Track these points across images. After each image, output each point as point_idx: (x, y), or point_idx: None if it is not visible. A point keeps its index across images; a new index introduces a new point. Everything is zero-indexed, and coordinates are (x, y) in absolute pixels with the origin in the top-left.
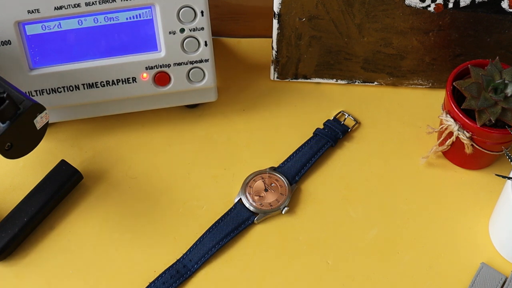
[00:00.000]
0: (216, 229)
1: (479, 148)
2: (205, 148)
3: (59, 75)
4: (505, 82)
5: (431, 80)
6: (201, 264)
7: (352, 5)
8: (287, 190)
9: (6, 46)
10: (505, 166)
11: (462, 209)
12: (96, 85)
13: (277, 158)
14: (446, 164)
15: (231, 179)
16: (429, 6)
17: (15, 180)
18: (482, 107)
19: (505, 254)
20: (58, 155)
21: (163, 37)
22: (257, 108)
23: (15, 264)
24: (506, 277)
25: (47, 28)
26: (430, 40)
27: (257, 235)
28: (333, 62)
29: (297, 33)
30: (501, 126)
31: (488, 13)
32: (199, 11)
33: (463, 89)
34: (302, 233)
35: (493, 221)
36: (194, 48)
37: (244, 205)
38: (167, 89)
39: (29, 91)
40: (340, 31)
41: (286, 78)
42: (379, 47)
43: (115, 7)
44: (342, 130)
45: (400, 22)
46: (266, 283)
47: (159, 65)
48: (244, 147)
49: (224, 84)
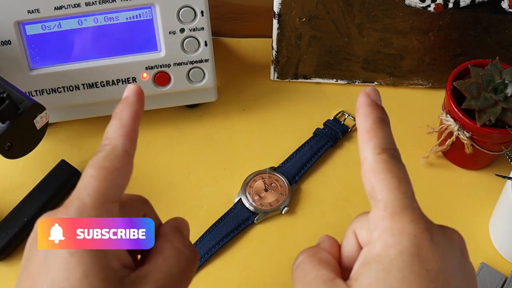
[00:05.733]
0: (216, 229)
1: (479, 148)
2: (205, 148)
3: (59, 75)
4: (505, 82)
5: (431, 80)
6: (201, 264)
7: (352, 5)
8: (287, 190)
9: (6, 46)
10: (505, 166)
11: (462, 209)
12: (96, 85)
13: (277, 158)
14: (446, 164)
15: (231, 179)
16: (429, 6)
17: (15, 180)
18: (482, 107)
19: (505, 254)
20: (58, 155)
21: (163, 37)
22: (257, 108)
23: (15, 264)
24: (506, 277)
25: (47, 28)
26: (430, 40)
27: (257, 235)
28: (333, 62)
29: (297, 33)
30: (501, 126)
31: (488, 13)
32: (199, 11)
33: (463, 89)
34: (302, 233)
35: (493, 221)
36: (194, 48)
37: (244, 205)
38: (167, 89)
39: (29, 91)
40: (340, 31)
41: (286, 78)
42: (379, 47)
43: (115, 7)
44: (342, 130)
45: (400, 22)
46: (266, 283)
47: (159, 65)
48: (244, 147)
49: (224, 84)
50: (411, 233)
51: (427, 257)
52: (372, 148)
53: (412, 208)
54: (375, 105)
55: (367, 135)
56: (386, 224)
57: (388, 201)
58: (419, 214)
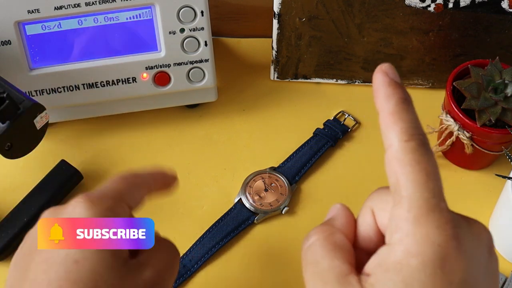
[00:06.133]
0: (216, 229)
1: (479, 148)
2: (205, 148)
3: (59, 75)
4: (505, 82)
5: (431, 80)
6: (201, 264)
7: (352, 5)
8: (287, 190)
9: (6, 46)
10: (505, 166)
11: (462, 209)
12: (96, 85)
13: (277, 158)
14: (446, 164)
15: (231, 179)
16: (429, 6)
17: (15, 180)
18: (482, 107)
19: (505, 254)
20: (58, 155)
21: (163, 37)
22: (257, 108)
23: None
24: (506, 277)
25: (47, 28)
26: (430, 40)
27: (257, 235)
28: (333, 62)
29: (297, 33)
30: (501, 126)
31: (488, 13)
32: (199, 11)
33: (463, 89)
34: (302, 233)
35: (493, 221)
36: (194, 48)
37: (244, 205)
38: (167, 89)
39: (29, 91)
40: (340, 31)
41: (286, 78)
42: (379, 47)
43: (115, 7)
44: (342, 130)
45: (400, 22)
46: (266, 283)
47: (159, 65)
48: (244, 147)
49: (224, 84)
50: (435, 242)
51: (451, 268)
52: (398, 133)
53: (439, 210)
54: (395, 84)
55: (391, 118)
56: (409, 228)
57: (414, 200)
58: (447, 216)
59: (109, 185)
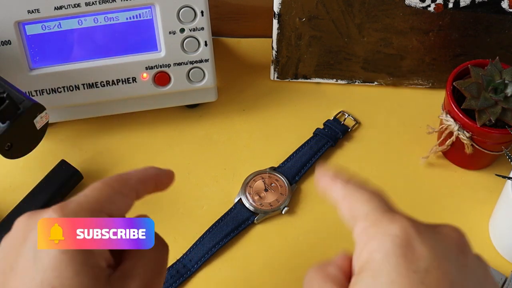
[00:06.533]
0: (216, 229)
1: (479, 148)
2: (205, 148)
3: (59, 75)
4: (505, 82)
5: (431, 80)
6: (201, 264)
7: (352, 5)
8: (287, 190)
9: (6, 46)
10: (505, 166)
11: (462, 209)
12: (96, 85)
13: (277, 158)
14: (446, 164)
15: (231, 179)
16: (429, 6)
17: (15, 180)
18: (482, 107)
19: (505, 254)
20: (58, 155)
21: (163, 37)
22: (257, 108)
23: None
24: (506, 277)
25: (47, 28)
26: (430, 40)
27: (257, 235)
28: (333, 62)
29: (297, 33)
30: (501, 126)
31: (488, 13)
32: (199, 11)
33: (463, 89)
34: (302, 233)
35: (493, 221)
36: (194, 48)
37: (244, 205)
38: (167, 89)
39: (29, 91)
40: (340, 31)
41: (286, 78)
42: (379, 47)
43: (115, 7)
44: (342, 130)
45: (400, 22)
46: (266, 283)
47: (159, 65)
48: (244, 147)
49: (224, 84)
50: (393, 234)
51: (414, 256)
52: (338, 186)
53: (392, 212)
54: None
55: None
56: (369, 231)
57: (369, 211)
58: (402, 214)
59: (89, 193)
